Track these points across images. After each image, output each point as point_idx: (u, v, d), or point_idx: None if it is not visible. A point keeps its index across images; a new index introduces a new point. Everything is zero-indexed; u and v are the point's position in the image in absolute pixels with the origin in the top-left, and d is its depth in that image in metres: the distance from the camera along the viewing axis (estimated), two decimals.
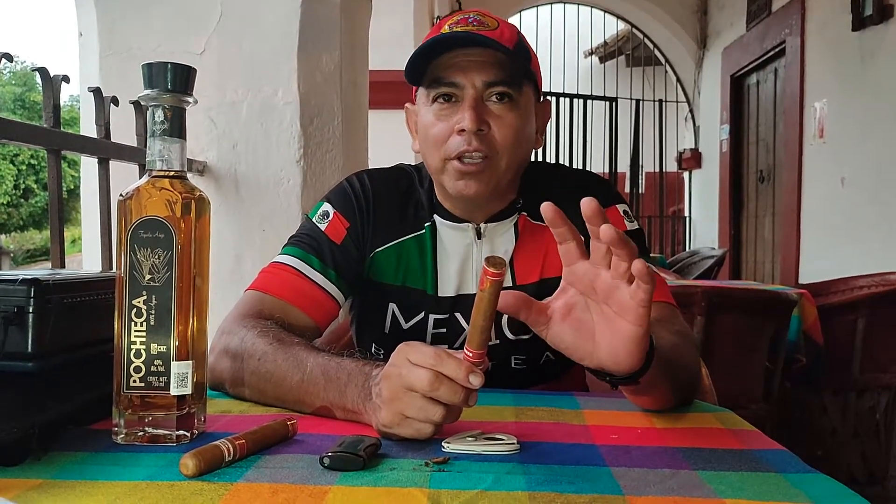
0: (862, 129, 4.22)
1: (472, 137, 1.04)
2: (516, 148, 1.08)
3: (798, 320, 2.57)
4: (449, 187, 1.10)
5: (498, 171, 1.08)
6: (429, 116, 1.09)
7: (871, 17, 4.02)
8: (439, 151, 1.08)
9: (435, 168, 1.11)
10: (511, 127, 1.06)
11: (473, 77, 1.05)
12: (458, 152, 1.06)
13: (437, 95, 1.08)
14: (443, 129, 1.07)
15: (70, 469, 0.68)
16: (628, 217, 1.17)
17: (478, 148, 1.05)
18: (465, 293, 1.15)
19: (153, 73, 0.77)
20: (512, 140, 1.07)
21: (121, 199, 0.76)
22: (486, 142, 1.05)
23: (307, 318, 1.09)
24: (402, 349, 0.78)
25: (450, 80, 1.06)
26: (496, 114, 1.06)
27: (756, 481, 0.67)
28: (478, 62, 1.05)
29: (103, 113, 1.45)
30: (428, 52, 1.06)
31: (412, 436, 0.77)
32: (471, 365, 0.74)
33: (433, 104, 1.08)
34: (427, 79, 1.08)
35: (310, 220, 1.17)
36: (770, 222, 5.66)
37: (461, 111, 1.05)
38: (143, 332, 0.74)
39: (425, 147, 1.11)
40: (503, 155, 1.07)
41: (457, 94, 1.07)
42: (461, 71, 1.06)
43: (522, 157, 1.11)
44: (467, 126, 1.04)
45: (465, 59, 1.06)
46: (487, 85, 1.06)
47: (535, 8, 7.52)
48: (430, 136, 1.08)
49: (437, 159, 1.09)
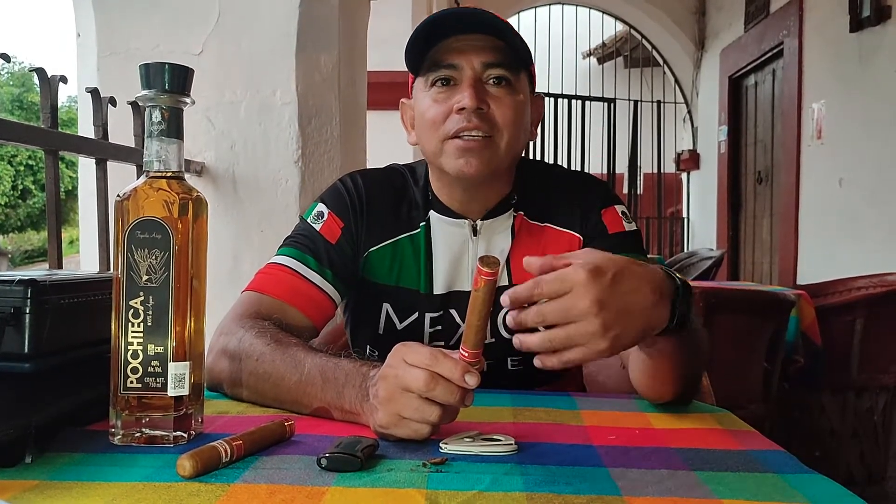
0: (860, 130, 4.23)
1: (471, 115, 1.04)
2: (516, 129, 1.08)
3: (796, 321, 2.58)
4: (449, 167, 1.08)
5: (498, 151, 1.07)
6: (426, 100, 1.09)
7: (868, 18, 4.02)
8: (437, 132, 1.07)
9: (433, 150, 1.10)
10: (510, 107, 1.07)
11: (472, 59, 1.06)
12: (456, 129, 1.05)
13: (437, 79, 1.08)
14: (441, 111, 1.07)
15: (67, 470, 0.68)
16: (626, 218, 1.17)
17: (478, 125, 1.05)
18: (459, 290, 1.15)
19: (151, 74, 0.77)
20: (512, 120, 1.07)
21: (118, 200, 0.76)
22: (486, 120, 1.05)
23: (304, 317, 1.08)
24: (398, 349, 0.78)
25: (448, 63, 1.07)
26: (495, 95, 1.07)
27: (754, 482, 0.67)
28: (476, 45, 1.06)
29: (101, 113, 1.45)
30: (428, 36, 1.07)
31: (409, 436, 0.76)
32: (467, 365, 0.74)
33: (431, 88, 1.09)
34: (425, 65, 1.09)
35: (305, 221, 1.17)
36: (768, 223, 5.67)
37: (460, 91, 1.06)
38: (141, 333, 0.74)
39: (422, 131, 1.11)
40: (504, 134, 1.07)
41: (455, 76, 1.07)
42: (460, 53, 1.06)
43: (521, 141, 1.11)
44: (467, 104, 1.04)
45: (464, 43, 1.06)
46: (486, 66, 1.06)
47: (534, 9, 7.52)
48: (428, 118, 1.08)
49: (436, 141, 1.08)
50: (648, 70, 7.83)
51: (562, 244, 1.16)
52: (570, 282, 0.71)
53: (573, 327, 0.71)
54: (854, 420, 2.72)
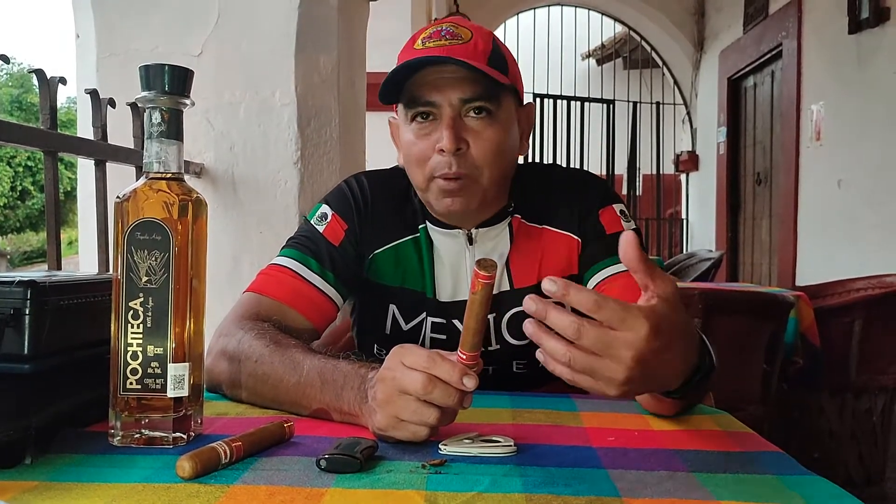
0: (859, 132, 4.23)
1: (451, 160, 1.04)
2: (497, 162, 1.07)
3: (795, 322, 2.58)
4: (435, 205, 1.10)
5: (480, 188, 1.07)
6: (409, 135, 1.09)
7: (867, 19, 4.03)
8: (423, 170, 1.08)
9: (420, 186, 1.11)
10: (490, 142, 1.06)
11: (449, 95, 1.04)
12: (441, 173, 1.05)
13: (416, 115, 1.07)
14: (424, 149, 1.07)
15: (66, 471, 0.68)
16: (625, 217, 1.17)
17: (457, 171, 1.05)
18: (461, 299, 1.15)
19: (150, 75, 0.77)
20: (492, 156, 1.06)
21: (118, 201, 0.76)
22: (465, 161, 1.05)
23: (305, 320, 1.08)
24: (396, 352, 0.78)
25: (426, 100, 1.06)
26: (475, 129, 1.05)
27: (752, 483, 0.67)
28: (453, 79, 1.04)
29: (100, 115, 1.44)
30: (401, 74, 1.05)
31: (408, 438, 0.77)
32: (464, 367, 0.74)
33: (412, 123, 1.08)
34: (404, 97, 1.08)
35: (308, 222, 1.17)
36: (767, 224, 5.67)
37: (440, 130, 1.05)
38: (140, 334, 0.74)
39: (409, 164, 1.11)
40: (483, 171, 1.06)
41: (434, 112, 1.06)
42: (437, 89, 1.05)
43: (506, 168, 1.11)
44: (446, 147, 1.03)
45: (439, 77, 1.05)
46: (464, 102, 1.05)
47: (533, 10, 7.52)
48: (413, 156, 1.08)
49: (422, 178, 1.08)
50: (648, 71, 7.84)
51: (560, 247, 1.15)
52: (629, 325, 0.67)
53: (599, 362, 0.67)
54: (853, 421, 2.72)
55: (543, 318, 0.66)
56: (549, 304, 0.66)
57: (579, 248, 1.15)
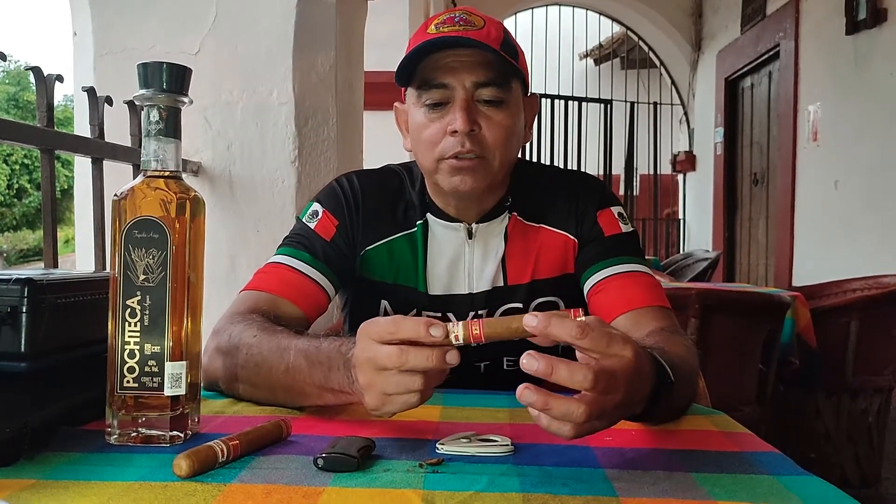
0: (855, 133, 4.24)
1: (464, 139, 1.06)
2: (507, 146, 1.09)
3: (791, 323, 2.58)
4: (444, 184, 1.11)
5: (492, 170, 1.09)
6: (420, 118, 1.10)
7: (864, 21, 4.04)
8: (433, 152, 1.09)
9: (429, 168, 1.12)
10: (501, 126, 1.08)
11: (463, 78, 1.06)
12: (452, 153, 1.07)
13: (428, 97, 1.08)
14: (435, 131, 1.08)
15: (63, 469, 0.68)
16: (622, 219, 1.18)
17: (471, 149, 1.06)
18: (456, 293, 1.16)
19: (148, 73, 0.77)
20: (503, 140, 1.08)
21: (115, 199, 0.76)
22: (478, 141, 1.07)
23: (295, 307, 1.09)
24: (362, 329, 0.76)
25: (440, 82, 1.07)
26: (486, 114, 1.07)
27: (749, 483, 0.67)
28: (467, 62, 1.06)
29: (97, 113, 1.44)
30: (416, 56, 1.06)
31: (402, 409, 0.75)
32: (430, 320, 0.72)
33: (423, 106, 1.09)
34: (416, 80, 1.09)
35: (300, 221, 1.18)
36: (764, 225, 5.69)
37: (452, 112, 1.06)
38: (137, 333, 0.74)
39: (418, 148, 1.12)
40: (496, 153, 1.08)
41: (447, 95, 1.07)
42: (451, 72, 1.06)
43: (513, 154, 1.13)
44: (459, 128, 1.04)
45: (454, 60, 1.06)
46: (477, 85, 1.06)
47: (530, 10, 7.53)
48: (424, 138, 1.09)
49: (431, 160, 1.10)
50: (645, 72, 7.85)
51: (556, 246, 1.16)
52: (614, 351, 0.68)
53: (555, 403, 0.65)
54: (849, 422, 2.72)
55: (548, 377, 0.65)
56: (553, 359, 0.65)
57: (576, 249, 1.16)
